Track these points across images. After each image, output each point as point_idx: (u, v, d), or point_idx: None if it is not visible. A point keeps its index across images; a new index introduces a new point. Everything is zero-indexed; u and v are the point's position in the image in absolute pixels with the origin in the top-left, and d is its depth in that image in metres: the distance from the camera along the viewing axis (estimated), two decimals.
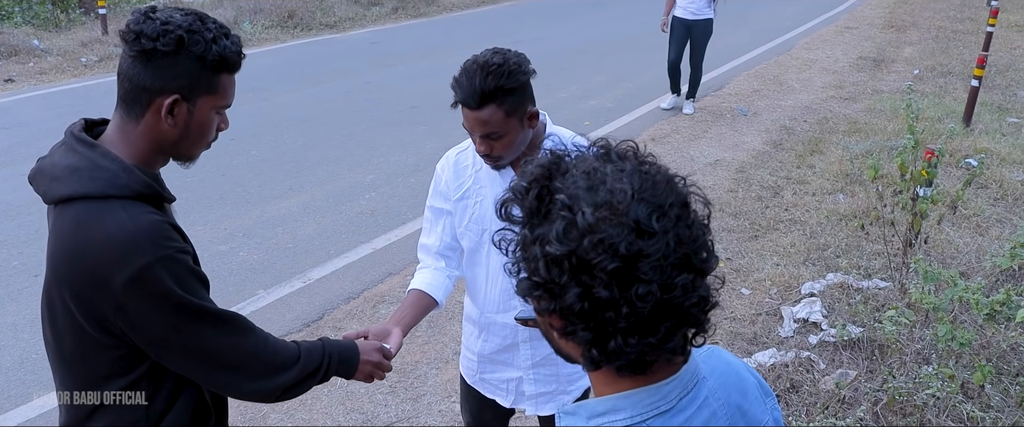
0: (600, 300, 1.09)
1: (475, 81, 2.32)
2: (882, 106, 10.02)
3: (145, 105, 1.77)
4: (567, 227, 1.10)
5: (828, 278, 5.41)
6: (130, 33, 1.74)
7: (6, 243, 5.98)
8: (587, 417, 1.23)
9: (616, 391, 1.21)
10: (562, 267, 1.10)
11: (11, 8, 14.45)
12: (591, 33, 14.53)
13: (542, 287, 1.14)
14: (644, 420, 1.20)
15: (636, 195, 1.10)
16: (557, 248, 1.10)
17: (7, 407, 4.21)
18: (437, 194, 2.72)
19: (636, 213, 1.09)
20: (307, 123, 9.16)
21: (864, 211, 6.41)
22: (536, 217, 1.15)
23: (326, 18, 15.65)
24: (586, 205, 1.10)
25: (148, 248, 1.68)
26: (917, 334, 4.52)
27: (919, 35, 15.07)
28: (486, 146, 2.43)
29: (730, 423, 1.28)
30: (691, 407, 1.23)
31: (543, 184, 1.16)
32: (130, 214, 1.71)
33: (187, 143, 1.85)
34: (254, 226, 6.43)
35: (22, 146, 8.12)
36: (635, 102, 10.07)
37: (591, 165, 1.15)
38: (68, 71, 11.69)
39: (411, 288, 2.70)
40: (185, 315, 1.76)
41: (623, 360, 1.15)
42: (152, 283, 1.69)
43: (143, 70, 1.75)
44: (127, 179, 1.73)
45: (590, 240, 1.08)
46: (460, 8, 18.16)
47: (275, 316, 5.15)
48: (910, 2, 19.16)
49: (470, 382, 2.94)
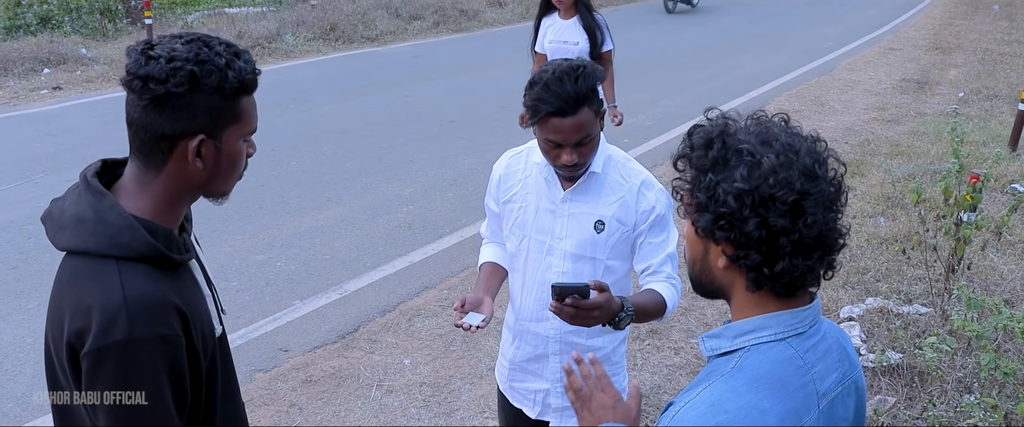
0: (776, 228, 1.38)
1: (568, 86, 2.34)
2: (925, 129, 9.88)
3: (167, 152, 1.63)
4: (751, 169, 1.38)
5: (867, 302, 5.34)
6: (135, 80, 1.57)
7: (49, 248, 6.03)
8: (733, 337, 1.49)
9: (763, 312, 1.48)
10: (745, 202, 1.38)
11: (61, 17, 14.75)
12: (631, 51, 14.51)
13: (726, 218, 1.40)
14: (784, 338, 1.47)
15: (804, 149, 1.42)
16: (744, 184, 1.38)
17: (46, 410, 4.26)
18: (489, 194, 2.82)
19: (805, 162, 1.40)
20: (347, 135, 9.23)
21: (905, 235, 6.32)
22: (718, 164, 1.42)
23: (368, 31, 15.79)
24: (770, 153, 1.39)
25: (126, 325, 1.52)
26: (959, 362, 4.44)
27: (965, 57, 14.86)
28: (577, 154, 2.44)
29: (840, 360, 1.54)
30: (817, 336, 1.51)
31: (723, 139, 1.43)
32: (125, 280, 1.56)
33: (218, 181, 1.72)
34: (292, 237, 6.48)
35: (67, 152, 8.27)
36: (675, 120, 10.02)
37: (758, 126, 1.46)
38: (113, 80, 11.88)
39: (483, 262, 2.88)
40: (123, 420, 1.58)
41: (786, 279, 1.42)
42: (113, 365, 1.54)
43: (158, 117, 1.59)
44: (130, 238, 1.58)
45: (774, 179, 1.37)
46: (500, 24, 18.24)
47: (310, 327, 5.18)
48: (956, 24, 18.94)
49: (501, 388, 2.99)
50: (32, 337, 4.90)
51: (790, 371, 1.45)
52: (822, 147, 1.47)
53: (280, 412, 4.33)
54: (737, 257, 1.44)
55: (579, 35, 5.97)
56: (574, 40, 5.97)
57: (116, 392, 1.56)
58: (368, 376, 4.67)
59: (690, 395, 1.44)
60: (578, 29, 6.00)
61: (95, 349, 1.53)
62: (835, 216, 1.44)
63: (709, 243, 1.48)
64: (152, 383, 1.57)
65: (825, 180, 1.42)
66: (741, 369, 1.45)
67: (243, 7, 18.08)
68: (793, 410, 1.42)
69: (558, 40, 6.01)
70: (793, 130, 1.48)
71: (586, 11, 6.00)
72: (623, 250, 2.65)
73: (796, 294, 1.48)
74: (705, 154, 1.44)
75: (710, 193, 1.42)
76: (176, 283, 1.66)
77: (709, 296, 1.58)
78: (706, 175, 1.43)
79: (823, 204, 1.40)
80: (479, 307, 2.56)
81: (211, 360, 1.76)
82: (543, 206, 2.64)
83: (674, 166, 1.54)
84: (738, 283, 1.49)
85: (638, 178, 2.61)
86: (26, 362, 4.67)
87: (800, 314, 1.48)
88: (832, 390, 1.51)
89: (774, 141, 1.42)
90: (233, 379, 1.93)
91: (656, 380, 4.63)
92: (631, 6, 21.94)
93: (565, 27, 6.05)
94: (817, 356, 1.50)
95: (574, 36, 5.99)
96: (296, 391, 4.52)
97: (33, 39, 13.44)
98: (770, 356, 1.45)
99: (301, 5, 17.46)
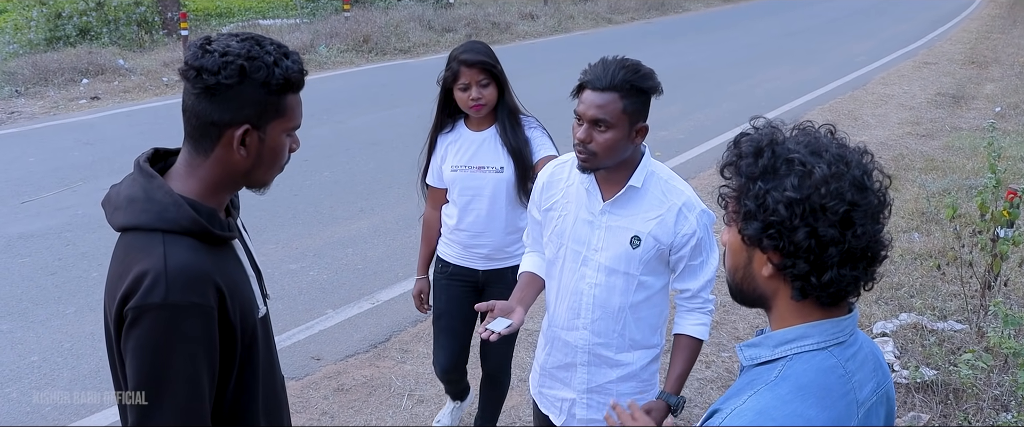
0: (825, 238, 1.39)
1: (610, 67, 2.44)
2: (961, 144, 9.77)
3: (215, 139, 1.76)
4: (803, 179, 1.40)
5: (901, 318, 5.29)
6: (191, 70, 1.72)
7: (87, 255, 6.17)
8: (773, 345, 1.51)
9: (805, 321, 1.49)
10: (795, 211, 1.40)
11: (99, 29, 14.99)
12: (662, 64, 14.45)
13: (775, 227, 1.42)
14: (826, 347, 1.48)
15: (854, 160, 1.44)
16: (795, 194, 1.40)
17: (82, 414, 4.33)
18: (532, 202, 2.87)
19: (855, 173, 1.42)
20: (379, 146, 9.29)
21: (940, 251, 6.25)
22: (768, 173, 1.43)
23: (400, 43, 15.91)
24: (822, 163, 1.41)
25: (164, 290, 1.64)
26: (995, 380, 4.39)
27: (1001, 71, 14.69)
28: (587, 134, 2.47)
29: (875, 369, 1.57)
30: (855, 345, 1.53)
31: (773, 148, 1.45)
32: (169, 250, 1.68)
33: (261, 170, 1.84)
34: (325, 246, 6.53)
35: (105, 161, 8.40)
36: (707, 134, 9.99)
37: (806, 136, 1.48)
38: (150, 90, 12.07)
39: (522, 271, 2.93)
40: (149, 380, 1.68)
41: (833, 289, 1.44)
42: (148, 324, 1.66)
43: (209, 105, 1.73)
44: (175, 214, 1.71)
45: (825, 189, 1.39)
46: (532, 36, 18.30)
47: (343, 336, 5.21)
48: (993, 37, 18.73)
49: (532, 393, 3.02)
50: (70, 342, 4.98)
51: (833, 380, 1.47)
52: (869, 159, 1.49)
53: (312, 420, 4.36)
54: (784, 266, 1.45)
55: (502, 158, 3.52)
56: (495, 164, 3.52)
57: (144, 351, 1.67)
58: (399, 385, 4.69)
59: (735, 402, 1.45)
60: (498, 148, 3.53)
61: (134, 307, 1.66)
62: (880, 227, 1.47)
63: (754, 251, 1.50)
64: (181, 348, 1.68)
65: (873, 192, 1.45)
66: (785, 378, 1.46)
67: (277, 19, 18.30)
68: (837, 418, 1.44)
69: (468, 165, 3.56)
70: (841, 141, 1.50)
71: (510, 124, 3.53)
72: (658, 267, 2.65)
73: (839, 304, 1.50)
74: (755, 162, 1.46)
75: (759, 201, 1.44)
76: (218, 259, 1.79)
77: (748, 304, 1.60)
78: (755, 183, 1.45)
79: (871, 215, 1.44)
80: (510, 315, 2.58)
81: (252, 338, 1.87)
82: (582, 216, 2.66)
83: (721, 173, 1.55)
84: (782, 292, 1.50)
85: (680, 198, 2.60)
86: (64, 367, 4.74)
87: (841, 323, 1.50)
88: (869, 399, 1.53)
89: (824, 151, 1.44)
90: (274, 359, 2.04)
91: (686, 393, 4.61)
92: (662, 20, 21.94)
93: (477, 145, 3.57)
94: (856, 365, 1.52)
95: (494, 158, 3.53)
96: (328, 399, 4.55)
97: (72, 50, 13.68)
98: (813, 365, 1.47)
99: (334, 17, 17.62)
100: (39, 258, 6.15)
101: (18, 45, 14.69)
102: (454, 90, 3.42)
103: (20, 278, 5.84)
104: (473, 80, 3.35)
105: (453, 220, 3.62)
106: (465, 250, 3.64)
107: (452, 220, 3.63)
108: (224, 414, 1.85)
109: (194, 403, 1.72)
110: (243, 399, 1.88)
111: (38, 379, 4.65)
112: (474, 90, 3.36)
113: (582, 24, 20.30)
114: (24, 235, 6.55)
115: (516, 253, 3.57)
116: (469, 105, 3.40)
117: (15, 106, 10.94)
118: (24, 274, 5.90)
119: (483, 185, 3.52)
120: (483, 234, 3.57)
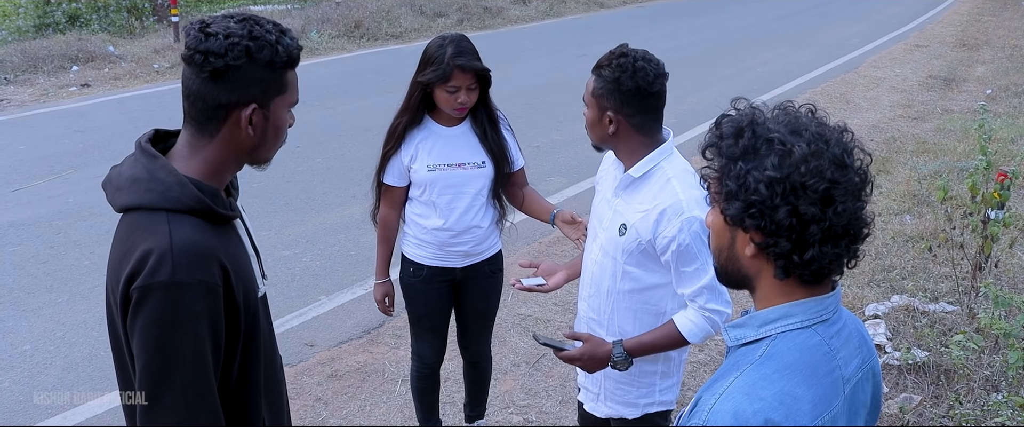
0: (806, 216, 1.41)
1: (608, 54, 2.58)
2: (952, 126, 9.80)
3: (222, 120, 1.78)
4: (783, 158, 1.41)
5: (893, 300, 5.31)
6: (197, 54, 1.72)
7: (79, 243, 6.15)
8: (758, 325, 1.53)
9: (788, 300, 1.51)
10: (776, 190, 1.41)
11: (89, 16, 14.91)
12: (654, 48, 14.43)
13: (756, 206, 1.43)
14: (810, 325, 1.50)
15: (833, 138, 1.45)
16: (775, 173, 1.40)
17: (76, 402, 4.33)
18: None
19: (835, 151, 1.43)
20: (371, 132, 9.23)
21: (932, 233, 6.27)
22: (749, 153, 1.45)
23: (392, 28, 15.85)
24: (801, 142, 1.42)
25: (170, 269, 1.66)
26: (986, 360, 4.42)
27: (992, 54, 14.72)
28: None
29: (860, 346, 1.58)
30: (839, 323, 1.55)
31: (753, 128, 1.46)
32: (174, 229, 1.70)
33: (264, 147, 1.87)
34: (317, 232, 6.52)
35: (96, 149, 8.37)
36: (699, 118, 9.97)
37: (787, 116, 1.49)
38: (141, 77, 12.01)
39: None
40: (157, 359, 1.69)
41: (815, 266, 1.44)
42: (155, 303, 1.66)
43: (216, 88, 1.75)
44: (179, 193, 1.73)
45: (805, 167, 1.40)
46: (524, 21, 18.24)
47: (336, 322, 5.22)
48: (983, 20, 18.75)
49: None
50: (62, 331, 4.97)
51: (818, 357, 1.48)
52: (849, 137, 1.49)
53: (305, 406, 4.37)
54: (766, 245, 1.46)
55: (481, 153, 3.46)
56: (476, 160, 3.45)
57: (152, 328, 1.68)
58: (393, 371, 4.70)
59: (721, 385, 1.44)
60: (476, 144, 3.45)
61: (140, 286, 1.66)
62: (862, 205, 1.47)
63: (737, 231, 1.51)
64: (189, 325, 1.69)
65: (853, 169, 1.45)
66: (770, 357, 1.47)
67: (268, 4, 18.20)
68: (823, 395, 1.46)
69: (447, 163, 3.43)
70: (821, 120, 1.51)
71: (489, 123, 3.48)
72: (644, 261, 2.63)
73: (822, 282, 1.51)
74: (735, 143, 1.47)
75: (740, 181, 1.45)
76: (221, 238, 1.81)
77: (734, 286, 1.61)
78: (736, 163, 1.46)
79: (851, 193, 1.44)
80: (551, 276, 2.97)
81: (254, 317, 1.89)
82: (605, 196, 2.78)
83: (702, 155, 1.55)
84: (765, 271, 1.52)
85: (667, 201, 2.54)
86: (56, 355, 4.74)
87: (824, 301, 1.51)
88: (854, 376, 1.55)
89: (804, 130, 1.45)
90: (273, 340, 2.09)
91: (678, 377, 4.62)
92: (654, 4, 21.89)
93: (453, 141, 3.45)
94: (841, 342, 1.53)
95: (473, 154, 3.45)
96: (322, 386, 4.56)
97: (62, 37, 13.61)
98: (798, 343, 1.48)
99: (326, 3, 17.55)
100: (30, 247, 6.13)
101: (7, 32, 14.60)
102: (437, 89, 3.27)
103: (11, 267, 5.83)
104: (464, 84, 3.23)
105: (429, 220, 3.49)
106: (442, 250, 3.53)
107: (427, 220, 3.49)
108: (230, 390, 1.86)
109: (202, 380, 1.73)
110: (247, 377, 1.90)
111: (31, 368, 4.64)
112: (463, 94, 3.24)
113: (574, 8, 20.25)
114: (15, 223, 6.52)
115: (490, 247, 3.62)
116: (454, 107, 3.29)
117: (5, 94, 10.88)
118: (15, 263, 5.89)
119: (466, 181, 3.43)
120: (466, 232, 3.48)
